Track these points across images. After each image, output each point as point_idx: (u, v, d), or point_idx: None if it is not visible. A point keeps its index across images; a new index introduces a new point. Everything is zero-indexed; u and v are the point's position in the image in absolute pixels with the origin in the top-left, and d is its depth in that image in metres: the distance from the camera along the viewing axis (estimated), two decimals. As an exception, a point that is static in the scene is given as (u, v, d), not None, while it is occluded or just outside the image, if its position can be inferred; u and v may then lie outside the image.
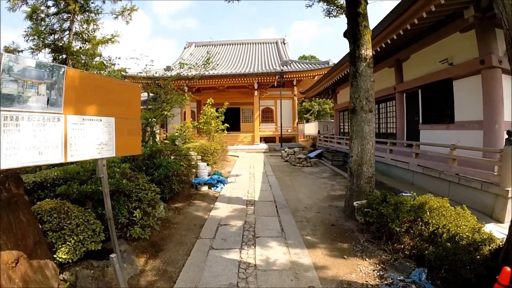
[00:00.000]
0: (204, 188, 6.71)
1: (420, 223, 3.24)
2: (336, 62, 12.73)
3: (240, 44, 25.56)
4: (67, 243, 2.86)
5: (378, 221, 3.50)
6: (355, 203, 4.23)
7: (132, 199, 3.83)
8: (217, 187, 6.81)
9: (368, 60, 4.38)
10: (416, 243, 3.31)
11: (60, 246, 2.77)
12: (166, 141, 11.72)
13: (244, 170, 9.24)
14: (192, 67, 7.06)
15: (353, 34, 4.42)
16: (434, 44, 7.37)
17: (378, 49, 8.02)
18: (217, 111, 12.71)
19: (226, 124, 12.97)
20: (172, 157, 5.89)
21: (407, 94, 9.12)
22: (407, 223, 3.33)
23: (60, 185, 3.56)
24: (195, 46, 26.67)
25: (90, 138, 2.13)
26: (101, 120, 2.21)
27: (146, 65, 6.87)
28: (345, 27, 4.73)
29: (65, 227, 2.93)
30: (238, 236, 3.82)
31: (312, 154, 11.09)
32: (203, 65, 7.53)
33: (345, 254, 3.46)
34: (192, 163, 7.80)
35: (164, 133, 17.87)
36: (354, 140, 4.27)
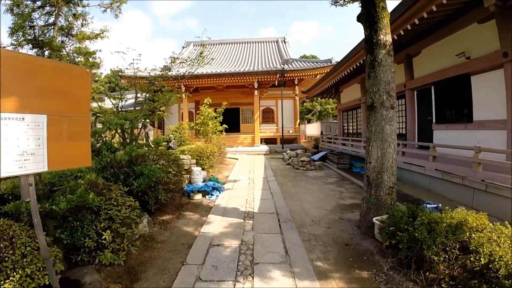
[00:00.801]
0: (198, 197, 5.99)
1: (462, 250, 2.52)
2: (338, 60, 12.04)
3: (239, 43, 24.90)
4: (11, 278, 2.18)
5: (409, 245, 2.78)
6: (374, 220, 3.51)
7: (101, 217, 3.12)
8: (212, 195, 6.10)
9: (387, 47, 3.66)
10: (456, 273, 2.60)
11: (2, 283, 2.14)
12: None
13: (243, 174, 8.53)
14: (185, 61, 6.37)
15: (369, 16, 3.70)
16: (449, 37, 6.72)
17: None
18: (215, 111, 12.02)
19: (224, 125, 12.28)
20: (162, 162, 5.19)
21: (418, 92, 8.42)
22: (447, 252, 2.61)
23: (9, 202, 2.86)
24: (194, 46, 25.98)
25: (5, 146, 1.42)
26: (23, 118, 1.50)
27: (133, 59, 6.19)
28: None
29: (6, 259, 2.24)
30: (232, 262, 3.10)
31: (316, 157, 10.37)
32: (196, 60, 6.83)
33: (366, 287, 2.74)
34: (186, 167, 7.09)
35: (161, 134, 17.21)
36: (373, 143, 3.55)
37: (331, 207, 5.21)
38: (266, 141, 18.45)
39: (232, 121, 19.88)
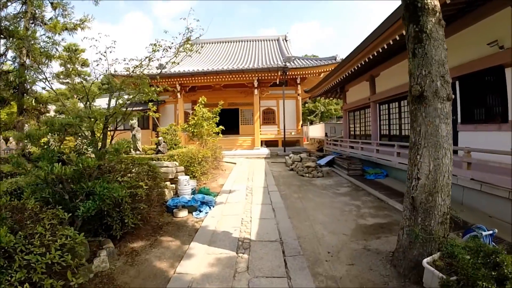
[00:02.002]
0: (183, 214, 4.87)
1: None
2: (343, 58, 10.92)
3: (239, 42, 23.85)
4: None
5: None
6: (425, 264, 2.38)
7: (13, 266, 2.02)
8: (200, 211, 4.97)
9: (437, 14, 2.56)
10: None
11: None
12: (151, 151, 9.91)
13: (240, 183, 7.40)
14: (168, 48, 5.28)
15: (412, -29, 2.59)
16: (476, 25, 5.73)
17: (398, 38, 6.37)
18: (211, 111, 10.91)
19: (221, 127, 11.16)
20: (136, 169, 4.08)
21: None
22: None
23: None
24: (191, 45, 24.93)
25: None
26: None
27: (107, 47, 5.09)
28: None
29: None
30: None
31: (323, 161, 9.23)
32: (182, 48, 5.71)
33: None
34: (171, 176, 5.98)
35: (155, 136, 16.09)
36: (423, 150, 2.42)
37: (349, 229, 4.07)
38: (267, 143, 17.32)
39: (231, 123, 18.77)
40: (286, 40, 23.21)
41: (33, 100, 7.45)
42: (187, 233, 4.15)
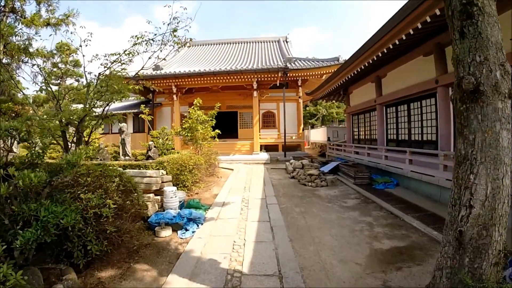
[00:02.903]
0: (166, 233, 4.17)
1: None
2: (346, 59, 10.27)
3: (239, 43, 23.32)
4: None
5: None
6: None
7: None
8: (186, 229, 4.27)
9: (489, -15, 1.88)
10: None
11: None
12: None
13: (236, 193, 6.70)
14: (151, 41, 4.62)
15: None
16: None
17: (412, 32, 5.75)
18: (209, 114, 10.25)
19: (217, 131, 10.49)
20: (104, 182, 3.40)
21: None
22: None
23: None
24: (189, 47, 24.48)
25: None
26: None
27: (83, 40, 4.46)
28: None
29: None
30: None
31: (326, 168, 8.54)
32: (169, 39, 5.03)
33: None
34: (155, 187, 5.29)
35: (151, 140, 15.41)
36: (480, 167, 1.73)
37: (363, 257, 3.36)
38: (267, 148, 16.64)
39: (229, 126, 18.12)
40: (286, 42, 22.66)
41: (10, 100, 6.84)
42: (167, 259, 3.45)
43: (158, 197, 5.49)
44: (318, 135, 23.39)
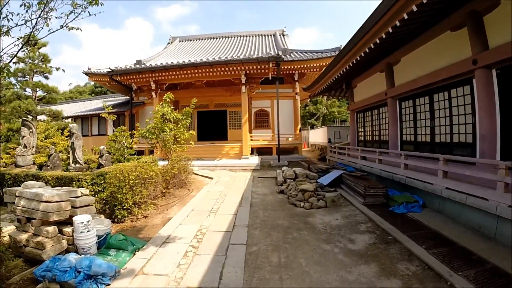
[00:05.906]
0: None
1: None
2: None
3: (231, 37, 21.41)
4: None
5: None
6: None
7: None
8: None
9: None
10: None
11: None
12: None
13: (194, 219, 4.73)
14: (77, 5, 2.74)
15: None
16: None
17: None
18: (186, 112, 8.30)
19: (192, 131, 8.57)
20: None
21: (501, 71, 4.78)
22: None
23: None
24: (180, 41, 22.64)
25: None
26: None
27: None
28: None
29: None
30: None
31: (326, 180, 6.52)
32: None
33: None
34: (55, 218, 3.36)
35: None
36: None
37: None
38: (260, 151, 14.67)
39: (218, 127, 16.17)
40: (283, 35, 20.71)
41: None
42: None
43: (70, 229, 3.59)
44: (318, 136, 21.33)
